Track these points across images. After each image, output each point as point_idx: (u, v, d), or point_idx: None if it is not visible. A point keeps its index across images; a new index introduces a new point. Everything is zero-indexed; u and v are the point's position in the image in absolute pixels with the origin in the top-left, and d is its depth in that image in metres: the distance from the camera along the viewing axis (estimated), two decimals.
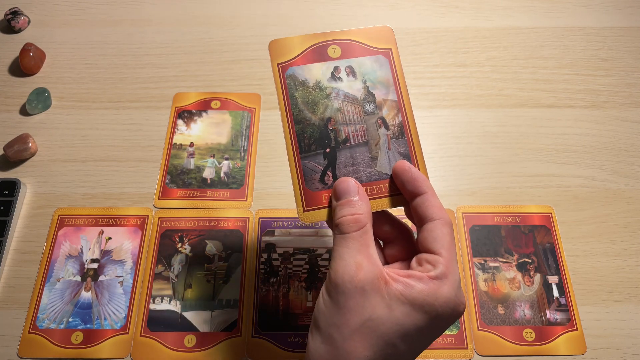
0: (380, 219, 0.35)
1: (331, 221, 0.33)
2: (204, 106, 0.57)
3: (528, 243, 0.49)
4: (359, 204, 0.32)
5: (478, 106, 0.58)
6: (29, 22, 0.64)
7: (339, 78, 0.36)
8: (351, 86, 0.36)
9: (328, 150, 0.35)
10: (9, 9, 0.63)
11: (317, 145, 0.35)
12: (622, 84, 0.59)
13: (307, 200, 0.34)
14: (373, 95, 0.36)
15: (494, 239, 0.49)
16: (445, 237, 0.31)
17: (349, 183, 0.33)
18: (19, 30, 0.64)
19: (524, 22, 0.64)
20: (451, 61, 0.61)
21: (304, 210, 0.34)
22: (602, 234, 0.50)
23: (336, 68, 0.36)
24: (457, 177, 0.53)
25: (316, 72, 0.36)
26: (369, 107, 0.36)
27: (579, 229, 0.50)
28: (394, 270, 0.31)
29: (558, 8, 0.65)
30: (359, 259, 0.30)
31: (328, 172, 0.35)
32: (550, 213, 0.51)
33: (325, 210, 0.34)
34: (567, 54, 0.61)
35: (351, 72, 0.36)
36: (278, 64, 0.36)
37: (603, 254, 0.49)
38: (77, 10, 0.65)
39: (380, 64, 0.36)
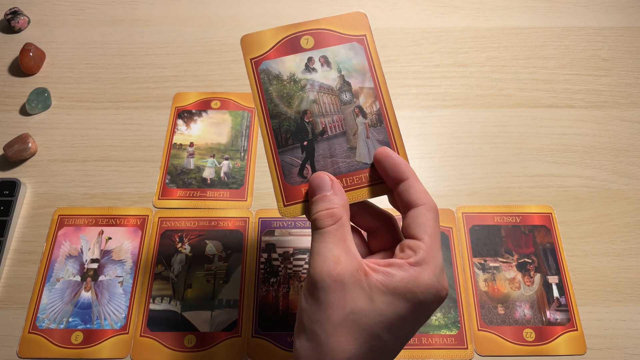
0: (362, 209, 0.35)
1: (309, 214, 0.33)
2: (204, 106, 0.57)
3: (528, 243, 0.49)
4: (332, 198, 0.32)
5: (478, 106, 0.58)
6: (29, 22, 0.64)
7: (314, 69, 0.35)
8: (326, 76, 0.35)
9: (305, 143, 0.34)
10: (9, 9, 0.63)
11: (294, 138, 0.34)
12: (622, 84, 0.59)
13: (287, 195, 0.34)
14: (349, 84, 0.35)
15: (494, 239, 0.49)
16: (429, 222, 0.31)
17: (322, 178, 0.32)
18: (19, 30, 0.64)
19: (524, 22, 0.64)
20: (451, 61, 0.61)
21: (285, 205, 0.34)
22: (602, 234, 0.50)
23: (310, 59, 0.35)
24: (457, 177, 0.53)
25: (290, 65, 0.35)
26: (345, 96, 0.35)
27: (579, 229, 0.50)
28: (373, 261, 0.30)
29: (558, 8, 0.65)
30: (336, 253, 0.29)
31: (307, 166, 0.34)
32: (550, 213, 0.51)
33: (305, 204, 0.34)
34: (567, 54, 0.61)
35: (325, 62, 0.35)
36: (251, 59, 0.36)
37: (603, 254, 0.49)
38: (77, 10, 0.65)
39: (355, 51, 0.36)
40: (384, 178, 0.33)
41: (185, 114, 0.57)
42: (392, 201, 0.34)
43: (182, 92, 0.58)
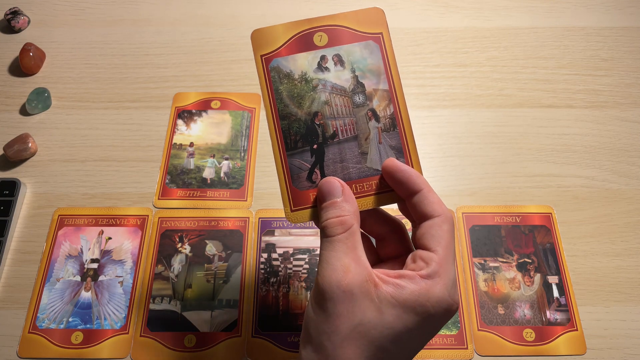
0: (372, 215, 0.34)
1: (317, 221, 0.32)
2: (204, 106, 0.57)
3: (528, 243, 0.49)
4: (343, 205, 0.30)
5: (478, 106, 0.58)
6: (29, 22, 0.64)
7: (326, 68, 0.34)
8: (339, 76, 0.34)
9: (315, 146, 0.33)
10: (9, 9, 0.63)
11: (304, 141, 0.33)
12: (622, 84, 0.59)
13: (294, 199, 0.33)
14: (362, 85, 0.34)
15: (494, 239, 0.49)
16: (444, 234, 0.30)
17: (332, 183, 0.31)
18: (19, 30, 0.64)
19: (524, 22, 0.64)
20: (451, 61, 0.61)
21: (292, 210, 0.33)
22: (602, 234, 0.50)
23: (323, 57, 0.34)
24: (457, 177, 0.53)
25: (302, 63, 0.34)
26: (358, 98, 0.33)
27: (579, 229, 0.50)
28: (383, 271, 0.29)
29: (558, 8, 0.65)
30: (346, 262, 0.28)
31: (316, 170, 0.33)
32: (550, 213, 0.51)
33: (313, 209, 0.33)
34: (567, 54, 0.61)
35: (339, 61, 0.34)
36: (261, 56, 0.34)
37: (603, 254, 0.49)
38: (77, 10, 0.65)
39: (371, 50, 0.34)
40: (396, 190, 0.32)
41: (185, 114, 0.57)
42: (403, 209, 0.33)
43: (182, 92, 0.58)
